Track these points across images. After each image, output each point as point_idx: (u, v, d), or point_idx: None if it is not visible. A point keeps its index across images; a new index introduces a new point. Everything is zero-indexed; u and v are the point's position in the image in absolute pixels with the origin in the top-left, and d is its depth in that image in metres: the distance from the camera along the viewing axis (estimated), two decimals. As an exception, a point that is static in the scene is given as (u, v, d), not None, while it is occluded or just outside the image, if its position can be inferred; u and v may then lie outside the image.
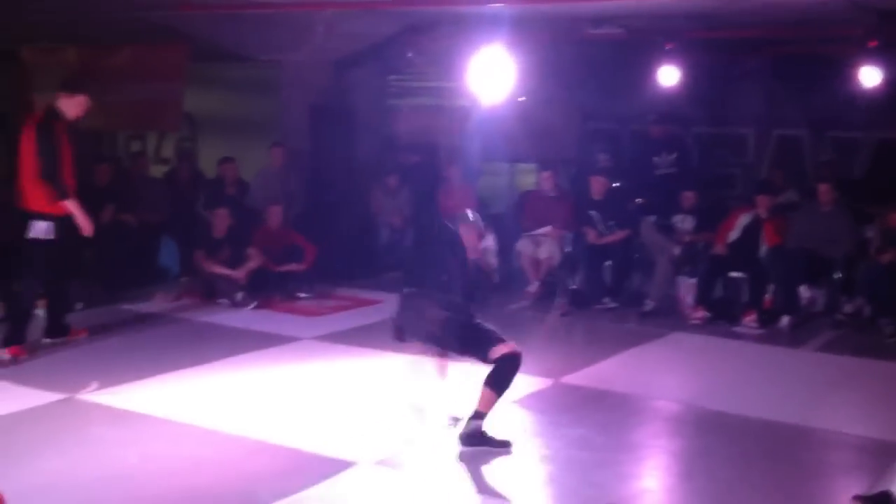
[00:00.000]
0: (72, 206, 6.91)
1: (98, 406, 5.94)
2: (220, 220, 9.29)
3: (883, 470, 4.93)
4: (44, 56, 11.00)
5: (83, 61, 10.82)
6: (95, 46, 10.73)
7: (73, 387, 6.18)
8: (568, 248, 9.67)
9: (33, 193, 6.88)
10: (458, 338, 5.39)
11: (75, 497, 4.64)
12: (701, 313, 8.70)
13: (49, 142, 6.80)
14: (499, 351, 5.27)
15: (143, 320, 8.20)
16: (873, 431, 5.84)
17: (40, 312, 7.43)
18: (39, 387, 6.21)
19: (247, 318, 8.50)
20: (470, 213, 5.81)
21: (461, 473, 5.08)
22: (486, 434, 5.32)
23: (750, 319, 8.52)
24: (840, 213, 8.87)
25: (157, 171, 11.78)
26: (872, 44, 8.97)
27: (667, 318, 8.83)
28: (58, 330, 7.39)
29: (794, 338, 8.28)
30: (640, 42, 10.16)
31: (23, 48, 10.82)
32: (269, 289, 9.16)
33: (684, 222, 9.50)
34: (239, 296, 8.87)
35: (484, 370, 5.35)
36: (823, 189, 8.90)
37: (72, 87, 7.07)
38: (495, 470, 5.15)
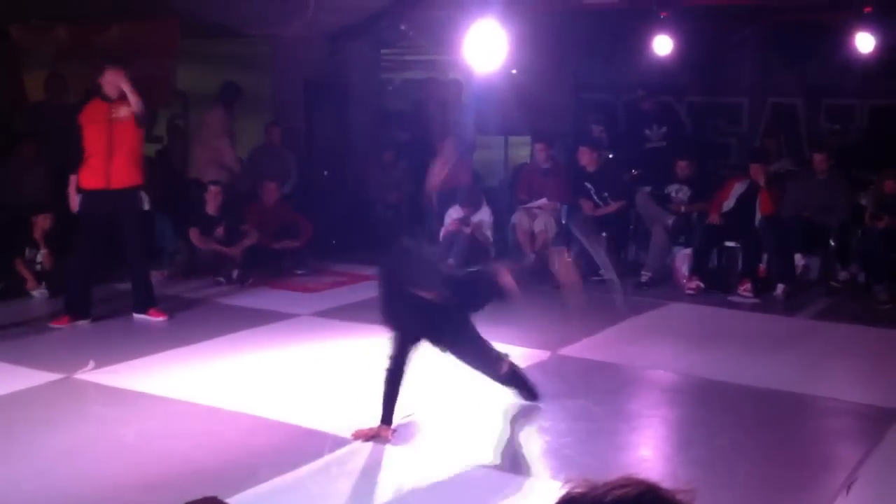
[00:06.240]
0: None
1: (95, 385, 5.94)
2: (213, 197, 9.26)
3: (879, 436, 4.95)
4: (34, 34, 10.91)
5: (74, 39, 10.73)
6: (86, 23, 10.64)
7: (69, 367, 6.18)
8: (563, 221, 9.66)
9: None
10: None
11: (75, 475, 4.65)
12: (696, 283, 8.71)
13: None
14: None
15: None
16: (868, 398, 5.87)
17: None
18: (36, 367, 6.20)
19: (243, 295, 8.49)
20: None
21: (459, 446, 5.11)
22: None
23: (745, 289, 8.52)
24: (835, 180, 8.86)
25: (150, 148, 11.71)
26: (867, 10, 8.93)
27: (662, 288, 8.84)
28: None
29: (789, 306, 8.30)
30: (634, 11, 10.10)
31: (11, 26, 10.71)
32: (264, 266, 9.14)
33: (679, 192, 9.48)
34: (234, 273, 8.85)
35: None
36: (819, 158, 8.89)
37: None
38: (493, 442, 5.17)
